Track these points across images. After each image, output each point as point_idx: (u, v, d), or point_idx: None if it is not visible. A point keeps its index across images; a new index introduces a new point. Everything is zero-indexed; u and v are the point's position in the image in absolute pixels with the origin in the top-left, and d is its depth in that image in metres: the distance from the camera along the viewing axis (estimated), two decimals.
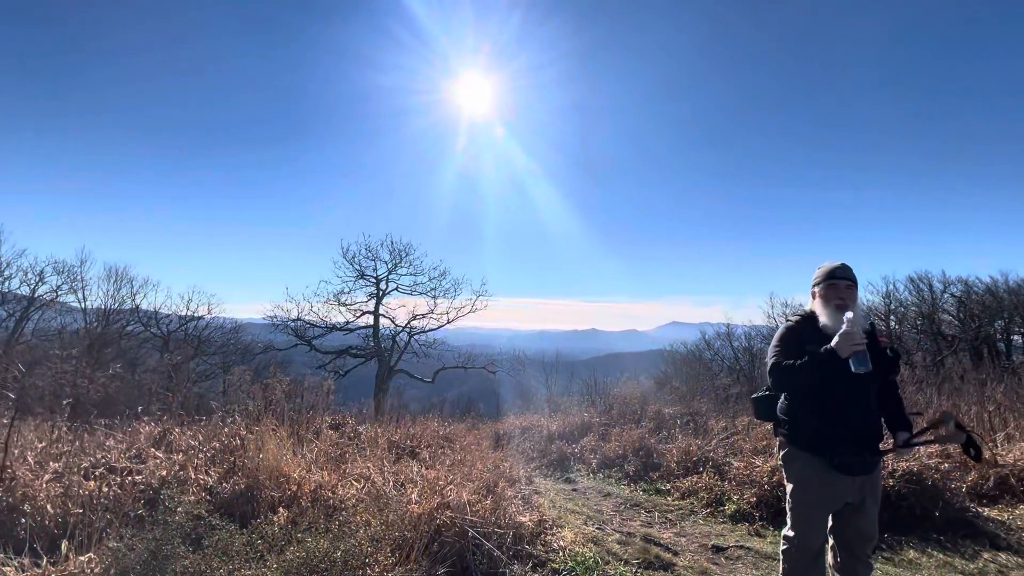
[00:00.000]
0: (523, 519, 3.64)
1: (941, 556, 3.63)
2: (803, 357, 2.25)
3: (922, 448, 4.93)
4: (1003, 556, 3.61)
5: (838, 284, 2.39)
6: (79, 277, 21.40)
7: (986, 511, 4.29)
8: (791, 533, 2.43)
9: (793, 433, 2.44)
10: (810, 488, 2.37)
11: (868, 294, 23.06)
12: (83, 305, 21.58)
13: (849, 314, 2.21)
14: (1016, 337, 21.53)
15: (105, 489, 3.19)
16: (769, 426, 3.17)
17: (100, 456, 3.95)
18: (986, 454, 4.98)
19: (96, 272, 25.37)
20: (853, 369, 2.16)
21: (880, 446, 2.34)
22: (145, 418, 5.66)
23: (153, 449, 4.24)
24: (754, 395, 2.76)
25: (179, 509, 2.81)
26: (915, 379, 8.73)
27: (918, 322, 22.84)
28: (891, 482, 4.17)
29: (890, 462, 4.37)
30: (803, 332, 2.40)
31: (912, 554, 3.66)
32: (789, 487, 2.46)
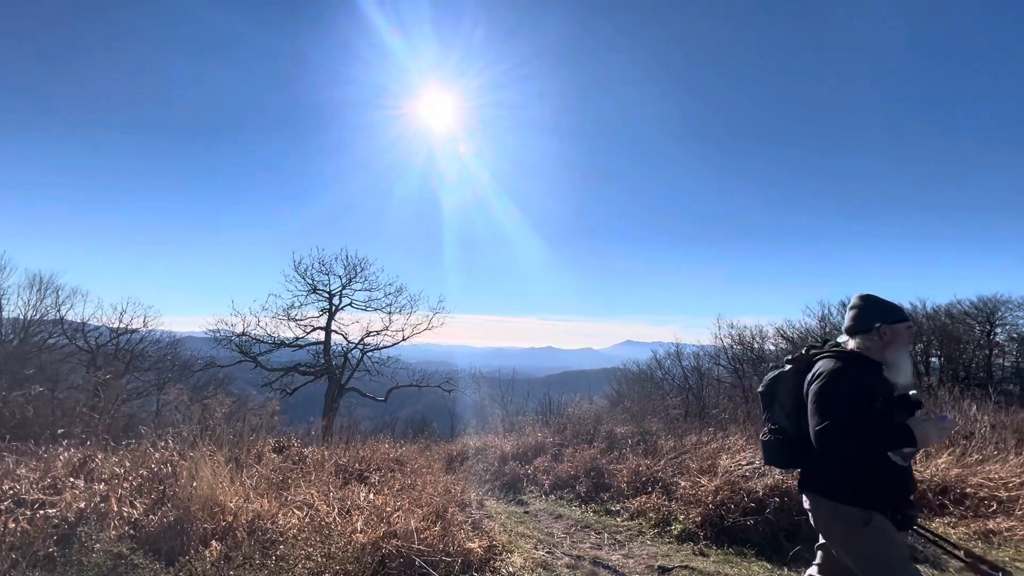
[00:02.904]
0: (472, 545, 3.58)
1: None
2: (874, 408, 1.98)
3: None
4: (920, 569, 3.86)
5: (911, 326, 2.17)
6: None
7: None
8: None
9: (868, 496, 2.03)
10: (902, 557, 2.02)
11: (805, 317, 24.53)
12: None
13: (949, 416, 2.05)
14: (934, 359, 23.43)
15: (12, 525, 2.90)
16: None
17: (8, 487, 3.59)
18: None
19: (16, 280, 23.36)
20: (900, 461, 2.01)
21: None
22: (65, 442, 5.21)
23: (71, 478, 3.90)
24: (764, 437, 2.32)
25: (97, 546, 2.59)
26: None
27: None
28: None
29: None
30: (864, 378, 2.06)
31: None
32: (878, 563, 2.02)
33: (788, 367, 2.33)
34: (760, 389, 2.39)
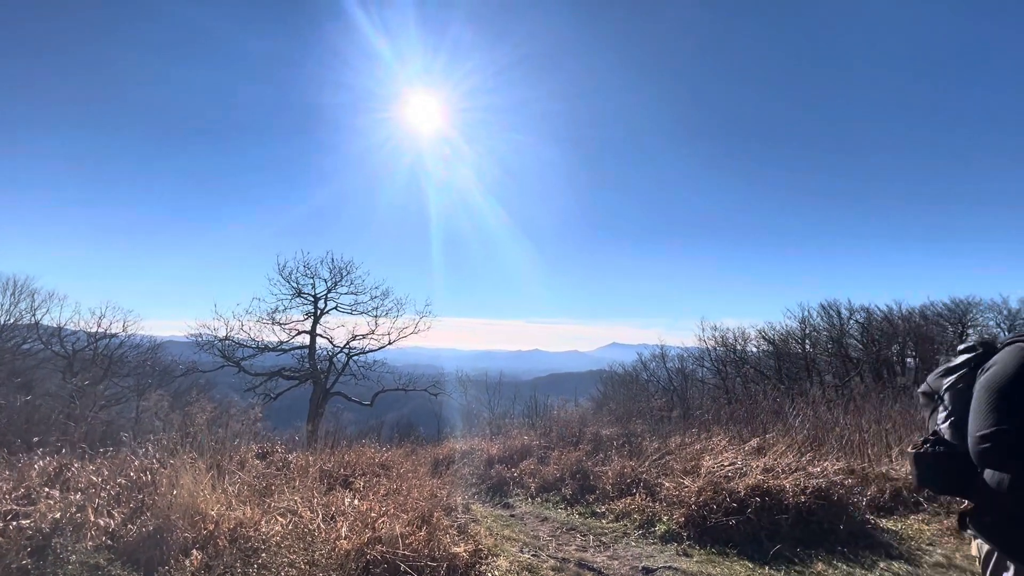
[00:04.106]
0: (458, 550, 3.59)
1: (844, 567, 3.93)
2: None
3: (829, 466, 5.36)
4: (896, 565, 3.96)
5: None
6: None
7: (883, 522, 4.71)
8: None
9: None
10: None
11: (786, 320, 25.00)
12: None
13: None
14: (909, 360, 24.05)
15: None
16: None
17: None
18: (883, 468, 5.50)
19: None
20: None
21: None
22: (40, 451, 5.09)
23: (46, 488, 3.81)
24: (918, 451, 1.64)
25: (73, 558, 2.54)
26: (825, 398, 9.49)
27: (829, 345, 24.96)
28: (802, 498, 4.50)
29: (802, 479, 4.73)
30: None
31: (820, 567, 3.94)
32: None
33: (962, 357, 1.64)
34: (922, 388, 1.77)
